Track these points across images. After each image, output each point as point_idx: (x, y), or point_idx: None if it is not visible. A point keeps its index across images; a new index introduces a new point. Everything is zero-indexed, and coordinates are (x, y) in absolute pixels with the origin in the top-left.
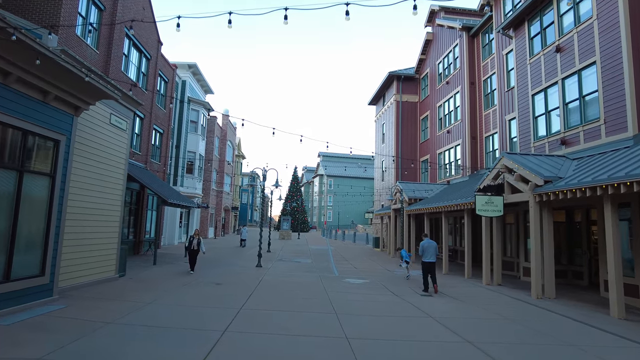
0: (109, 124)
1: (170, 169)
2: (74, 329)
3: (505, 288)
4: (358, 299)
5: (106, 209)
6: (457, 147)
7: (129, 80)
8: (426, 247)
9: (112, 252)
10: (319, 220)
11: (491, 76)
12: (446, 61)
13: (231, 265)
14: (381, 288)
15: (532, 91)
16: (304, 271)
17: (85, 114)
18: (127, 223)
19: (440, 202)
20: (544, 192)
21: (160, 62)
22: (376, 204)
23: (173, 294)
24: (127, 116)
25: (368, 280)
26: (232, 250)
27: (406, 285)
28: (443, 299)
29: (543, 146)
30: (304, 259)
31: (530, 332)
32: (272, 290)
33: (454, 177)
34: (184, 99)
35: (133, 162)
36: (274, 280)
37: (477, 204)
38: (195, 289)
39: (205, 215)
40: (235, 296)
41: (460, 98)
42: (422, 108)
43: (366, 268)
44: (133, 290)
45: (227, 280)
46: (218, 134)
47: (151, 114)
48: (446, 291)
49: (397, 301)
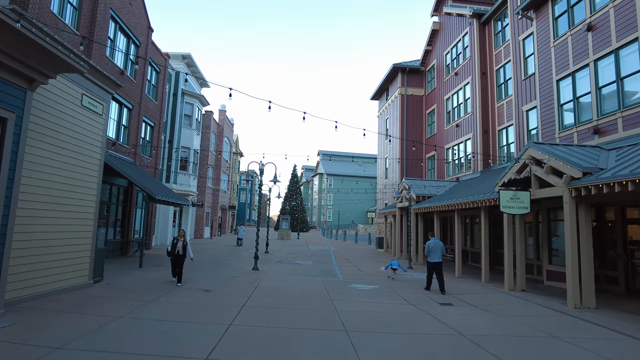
0: (80, 106)
1: (163, 164)
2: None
3: (531, 294)
4: (370, 310)
5: (76, 205)
6: (468, 141)
7: (115, 66)
8: (432, 247)
9: (84, 254)
10: (318, 220)
11: (505, 65)
12: (454, 51)
13: (225, 268)
14: (393, 296)
15: (556, 76)
16: (305, 275)
17: (47, 92)
18: (114, 222)
19: (453, 199)
20: (582, 186)
21: (151, 50)
22: (379, 203)
23: (152, 304)
24: (104, 99)
25: (377, 286)
26: (228, 250)
27: (420, 291)
28: (465, 308)
29: (570, 136)
30: (304, 261)
31: (591, 356)
32: (269, 299)
33: (464, 173)
34: (178, 91)
35: (120, 156)
36: (271, 286)
37: (502, 200)
38: (180, 297)
39: (201, 214)
40: (224, 308)
41: (470, 89)
42: (428, 102)
43: (372, 271)
44: (105, 300)
45: (218, 287)
46: (214, 130)
47: (140, 105)
48: (466, 298)
49: (415, 313)
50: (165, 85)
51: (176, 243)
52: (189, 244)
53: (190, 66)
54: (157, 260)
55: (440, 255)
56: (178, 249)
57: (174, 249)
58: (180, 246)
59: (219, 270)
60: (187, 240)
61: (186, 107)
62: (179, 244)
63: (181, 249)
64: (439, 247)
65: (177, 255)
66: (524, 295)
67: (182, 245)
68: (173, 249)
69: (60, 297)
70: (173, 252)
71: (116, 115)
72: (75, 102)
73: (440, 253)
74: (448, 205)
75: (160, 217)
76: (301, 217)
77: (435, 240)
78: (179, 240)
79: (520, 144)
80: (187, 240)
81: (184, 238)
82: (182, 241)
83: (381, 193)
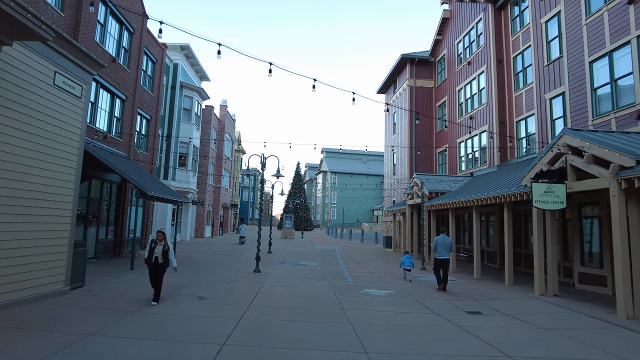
0: (53, 86)
1: (161, 160)
2: None
3: (566, 300)
4: (390, 323)
5: (49, 201)
6: (482, 134)
7: (106, 52)
8: (440, 243)
9: (59, 257)
10: (322, 219)
11: (524, 51)
12: (467, 40)
13: (224, 270)
14: (412, 303)
15: (589, 58)
16: (312, 278)
17: (8, 65)
18: (106, 220)
19: (471, 194)
20: (635, 176)
21: (147, 38)
22: (386, 200)
23: (134, 317)
24: (83, 80)
25: (392, 291)
26: (229, 250)
27: (439, 296)
28: (498, 318)
29: (607, 123)
30: (310, 262)
31: None
32: (271, 309)
33: (479, 167)
34: (176, 84)
35: (113, 149)
36: (274, 292)
37: (534, 195)
38: (168, 308)
39: (202, 212)
40: (219, 321)
41: (485, 79)
42: (439, 94)
43: (383, 273)
44: (79, 312)
45: (214, 293)
46: (215, 126)
47: (135, 96)
48: (494, 305)
49: (444, 325)
50: (162, 77)
51: (154, 248)
52: (171, 249)
53: (189, 57)
54: None
55: (447, 252)
56: (157, 255)
57: (151, 255)
58: (159, 252)
59: (218, 272)
60: (168, 244)
61: (185, 100)
62: (157, 249)
63: (161, 255)
64: (447, 244)
65: (155, 263)
66: (558, 301)
67: (162, 250)
68: (150, 256)
69: (23, 309)
70: (150, 260)
71: (108, 106)
72: (46, 81)
73: (448, 250)
74: (466, 202)
75: (158, 215)
76: (305, 215)
77: (443, 236)
78: (157, 244)
79: (542, 135)
80: (169, 244)
81: (164, 241)
82: (163, 245)
83: (389, 190)
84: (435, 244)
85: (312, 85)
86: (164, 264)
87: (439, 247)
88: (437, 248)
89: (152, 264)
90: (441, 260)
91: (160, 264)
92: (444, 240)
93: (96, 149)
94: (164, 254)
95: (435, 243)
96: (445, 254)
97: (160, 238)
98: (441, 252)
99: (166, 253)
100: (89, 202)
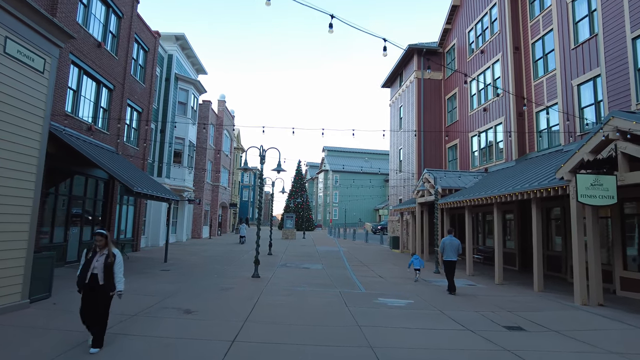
0: (3, 55)
1: (154, 157)
2: None
3: (614, 311)
4: (420, 346)
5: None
6: (498, 126)
7: (90, 36)
8: (447, 244)
9: (14, 264)
10: (324, 218)
11: (544, 36)
12: (480, 27)
13: (219, 275)
14: (438, 315)
15: (632, 34)
16: (317, 284)
17: None
18: (91, 220)
19: (492, 190)
20: None
21: (137, 24)
22: (392, 199)
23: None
24: (46, 51)
25: (412, 300)
26: (227, 250)
27: (467, 306)
28: (548, 337)
29: None
30: (314, 264)
31: None
32: (272, 327)
33: (494, 163)
34: (171, 76)
35: (98, 142)
36: (275, 303)
37: (579, 188)
38: (146, 325)
39: (199, 212)
40: (205, 346)
41: (501, 68)
42: (448, 86)
43: (395, 277)
44: (27, 333)
45: (204, 305)
46: (213, 121)
47: (124, 86)
48: (534, 318)
49: (487, 348)
50: (155, 67)
51: (91, 260)
52: (119, 261)
53: (185, 48)
54: (141, 266)
55: (455, 253)
56: (95, 271)
57: (85, 271)
58: (99, 266)
59: (212, 277)
60: (114, 253)
61: (180, 93)
62: (96, 263)
63: (102, 271)
64: (455, 245)
65: (92, 285)
66: (606, 312)
67: (105, 263)
68: (84, 272)
69: None
70: (84, 279)
71: (93, 95)
72: None
73: (456, 251)
74: (486, 199)
75: (151, 215)
76: (306, 215)
77: (451, 237)
78: (96, 255)
79: (568, 125)
80: (114, 254)
81: (107, 249)
82: (105, 256)
83: (394, 188)
84: (443, 246)
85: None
86: (106, 285)
87: (446, 249)
88: (444, 250)
89: (88, 286)
90: (449, 262)
91: (102, 286)
92: (452, 241)
93: (78, 142)
94: (106, 270)
95: (442, 244)
96: (453, 255)
97: (102, 243)
98: (449, 254)
99: (110, 268)
100: (71, 200)
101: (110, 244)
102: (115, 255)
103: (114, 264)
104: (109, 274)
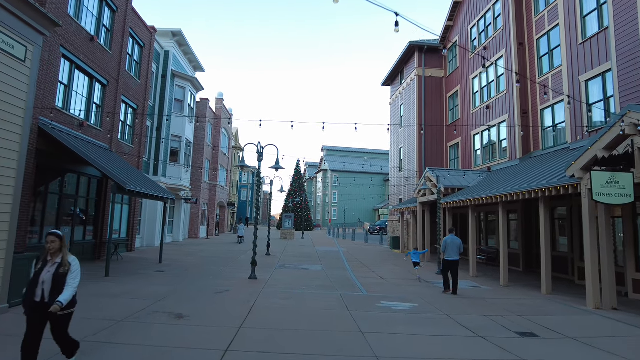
0: None
1: (150, 154)
2: None
3: (629, 316)
4: (430, 356)
5: None
6: (502, 124)
7: (82, 30)
8: (449, 244)
9: None
10: (323, 218)
11: (550, 31)
12: (482, 23)
13: (215, 277)
14: (446, 320)
15: None
16: (317, 286)
17: None
18: (84, 220)
19: (498, 189)
20: None
21: (132, 19)
22: (392, 199)
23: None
24: (29, 39)
25: (416, 304)
26: (224, 251)
27: (475, 310)
28: (563, 344)
29: None
30: (313, 265)
31: None
32: (269, 334)
33: (498, 161)
34: (167, 72)
35: (90, 139)
36: (272, 306)
37: (594, 186)
38: (133, 332)
39: (196, 211)
40: (195, 356)
41: (504, 64)
42: (450, 83)
43: (397, 279)
44: (4, 340)
45: (197, 309)
46: (211, 120)
47: (118, 82)
48: (546, 323)
49: (502, 358)
50: (150, 63)
51: (40, 271)
52: (75, 270)
53: (182, 45)
54: (135, 267)
55: (457, 253)
56: (43, 287)
57: (33, 286)
58: (47, 279)
59: (207, 279)
60: (69, 261)
61: (177, 90)
62: (45, 275)
63: (50, 283)
64: (457, 245)
65: (38, 305)
66: (621, 316)
67: (55, 274)
68: (32, 288)
69: None
70: (32, 296)
71: (85, 91)
72: None
73: (458, 251)
74: (491, 198)
75: (147, 214)
76: (305, 215)
77: (452, 236)
78: (46, 265)
79: (576, 122)
80: (69, 263)
81: (61, 256)
82: (57, 266)
83: (395, 188)
84: (445, 245)
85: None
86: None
87: (448, 248)
88: (446, 249)
89: (35, 305)
90: (451, 262)
91: (47, 305)
92: (454, 240)
93: (69, 138)
94: (55, 283)
95: (444, 244)
96: (455, 255)
97: (55, 246)
98: (451, 253)
99: (61, 279)
100: (62, 198)
101: (65, 249)
102: (70, 264)
103: (68, 273)
104: (60, 287)
